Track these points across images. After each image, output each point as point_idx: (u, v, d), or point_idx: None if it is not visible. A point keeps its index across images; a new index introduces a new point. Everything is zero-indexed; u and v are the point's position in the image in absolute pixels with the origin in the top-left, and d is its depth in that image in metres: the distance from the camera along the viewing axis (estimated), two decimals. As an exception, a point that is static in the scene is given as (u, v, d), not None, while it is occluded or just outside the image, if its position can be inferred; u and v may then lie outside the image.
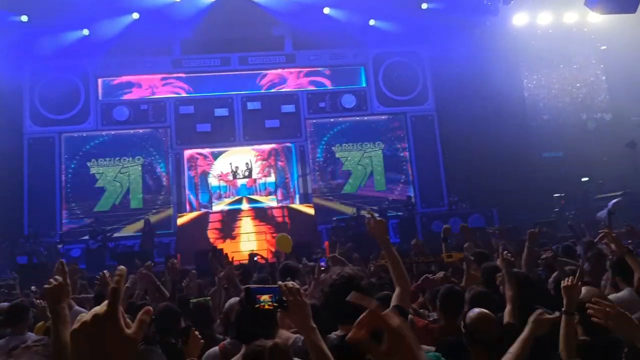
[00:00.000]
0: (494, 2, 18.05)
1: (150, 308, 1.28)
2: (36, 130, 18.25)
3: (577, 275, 3.16)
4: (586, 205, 16.71)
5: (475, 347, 2.96)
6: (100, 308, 1.13)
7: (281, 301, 2.08)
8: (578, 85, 20.58)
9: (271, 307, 2.09)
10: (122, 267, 1.21)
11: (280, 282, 2.15)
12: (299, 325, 2.14)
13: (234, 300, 3.91)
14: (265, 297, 2.08)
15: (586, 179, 17.93)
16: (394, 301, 2.98)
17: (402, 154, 19.65)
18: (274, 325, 3.10)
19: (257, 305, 2.07)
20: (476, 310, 3.10)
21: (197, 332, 3.02)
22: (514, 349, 2.74)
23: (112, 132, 18.68)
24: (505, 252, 4.26)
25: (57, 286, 2.62)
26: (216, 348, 3.48)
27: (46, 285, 2.62)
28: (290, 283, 2.15)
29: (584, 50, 20.42)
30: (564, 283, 3.10)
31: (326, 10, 18.51)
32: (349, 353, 2.24)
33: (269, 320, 2.97)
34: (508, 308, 3.56)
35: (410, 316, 3.72)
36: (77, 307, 4.94)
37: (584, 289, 3.17)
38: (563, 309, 2.94)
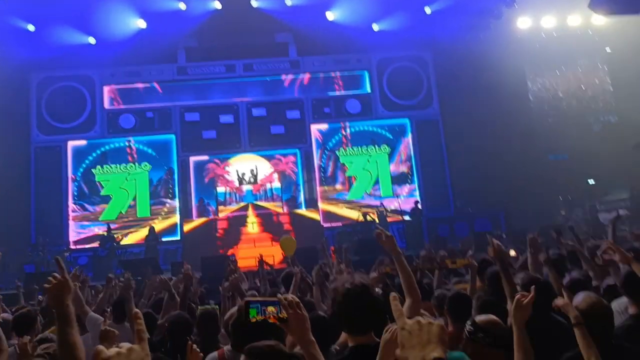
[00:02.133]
0: (497, 6, 18.07)
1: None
2: (43, 139, 18.35)
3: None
4: (593, 208, 16.61)
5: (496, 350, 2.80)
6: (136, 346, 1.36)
7: (280, 316, 2.06)
8: (583, 87, 20.53)
9: (270, 320, 2.05)
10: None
11: (279, 296, 2.11)
12: (299, 339, 2.09)
13: (234, 309, 3.82)
14: (270, 309, 2.06)
15: (592, 181, 17.85)
16: (406, 313, 2.93)
17: (407, 158, 19.61)
18: (273, 337, 3.06)
19: (254, 319, 2.04)
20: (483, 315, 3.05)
21: (195, 346, 2.92)
22: (516, 355, 2.65)
23: (118, 140, 18.77)
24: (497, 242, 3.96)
25: (57, 284, 2.31)
26: (215, 353, 3.37)
27: (46, 285, 2.33)
28: (290, 296, 2.12)
29: (588, 52, 20.38)
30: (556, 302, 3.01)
31: (330, 16, 18.57)
32: None
33: (265, 331, 2.90)
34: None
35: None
36: (92, 314, 4.89)
37: (581, 297, 3.11)
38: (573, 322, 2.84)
